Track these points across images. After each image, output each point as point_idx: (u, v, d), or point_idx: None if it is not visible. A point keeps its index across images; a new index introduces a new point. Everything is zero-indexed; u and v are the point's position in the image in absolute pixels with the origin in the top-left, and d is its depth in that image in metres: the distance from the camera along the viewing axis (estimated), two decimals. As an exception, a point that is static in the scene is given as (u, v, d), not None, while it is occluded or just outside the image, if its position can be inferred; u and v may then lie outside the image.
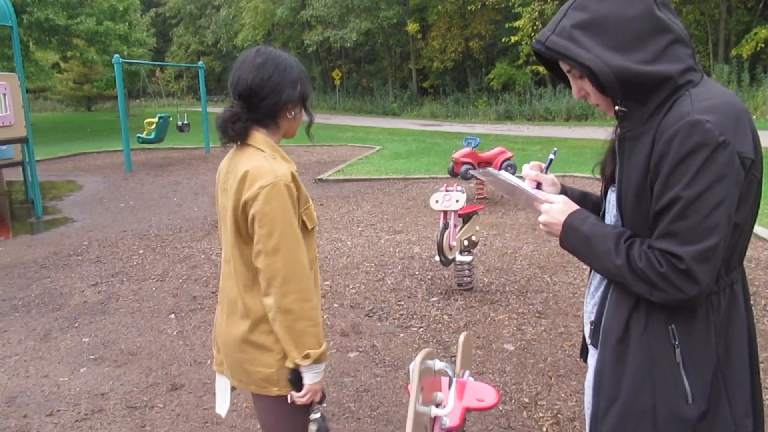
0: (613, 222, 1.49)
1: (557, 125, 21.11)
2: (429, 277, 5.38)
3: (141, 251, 6.43)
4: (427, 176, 10.66)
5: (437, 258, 4.69)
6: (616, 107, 1.39)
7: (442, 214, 4.77)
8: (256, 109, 1.80)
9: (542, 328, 4.21)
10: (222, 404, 2.08)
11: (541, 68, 25.90)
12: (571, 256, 5.54)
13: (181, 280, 5.45)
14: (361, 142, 16.99)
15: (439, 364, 1.94)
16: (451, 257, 4.72)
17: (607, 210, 1.54)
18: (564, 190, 1.72)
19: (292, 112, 1.86)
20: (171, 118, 14.08)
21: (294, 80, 1.83)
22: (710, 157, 1.23)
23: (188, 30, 47.19)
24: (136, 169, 12.69)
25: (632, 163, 1.37)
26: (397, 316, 4.52)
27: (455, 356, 3.71)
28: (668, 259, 1.28)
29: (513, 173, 8.89)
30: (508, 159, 8.75)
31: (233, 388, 2.04)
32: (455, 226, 4.73)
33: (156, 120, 13.61)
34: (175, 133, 15.43)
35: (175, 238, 6.97)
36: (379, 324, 4.39)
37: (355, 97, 34.69)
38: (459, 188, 4.77)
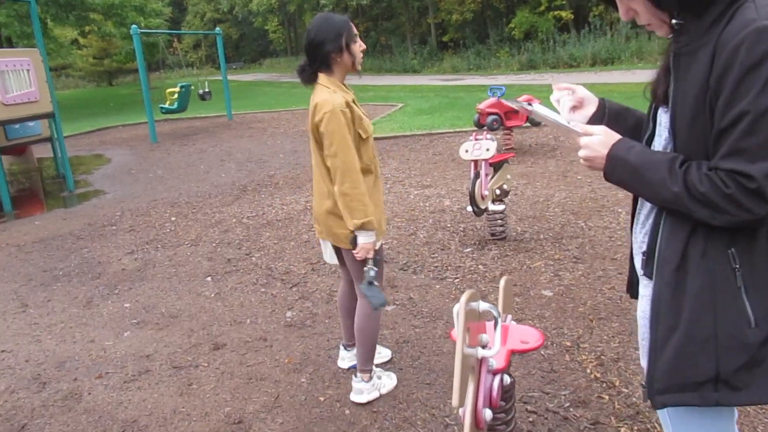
0: (663, 145, 1.41)
1: (582, 71, 20.58)
2: (461, 228, 5.33)
3: (173, 218, 6.49)
4: (452, 130, 10.51)
5: (469, 208, 4.64)
6: (673, 21, 1.30)
7: (472, 163, 4.69)
8: (314, 59, 2.60)
9: (580, 272, 4.16)
10: (331, 257, 2.94)
11: (564, 13, 25.26)
12: (606, 200, 5.42)
13: (214, 244, 5.49)
14: (383, 100, 16.79)
15: (483, 306, 1.91)
16: (483, 207, 4.66)
17: (657, 133, 1.46)
18: (602, 105, 1.65)
19: (339, 58, 2.58)
20: (192, 87, 14.06)
21: (336, 33, 2.54)
22: None
23: (203, -3, 46.79)
24: (161, 139, 12.76)
25: (689, 80, 1.29)
26: (432, 268, 4.50)
27: (495, 303, 3.70)
28: (736, 179, 1.21)
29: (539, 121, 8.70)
30: (535, 107, 8.54)
31: (333, 246, 2.86)
32: (486, 175, 4.66)
33: (178, 89, 13.61)
34: (197, 102, 15.43)
35: (205, 204, 7.02)
36: (414, 277, 4.38)
37: (374, 56, 34.17)
38: (489, 137, 4.68)
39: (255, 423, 2.85)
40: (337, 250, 2.89)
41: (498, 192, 4.77)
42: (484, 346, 1.93)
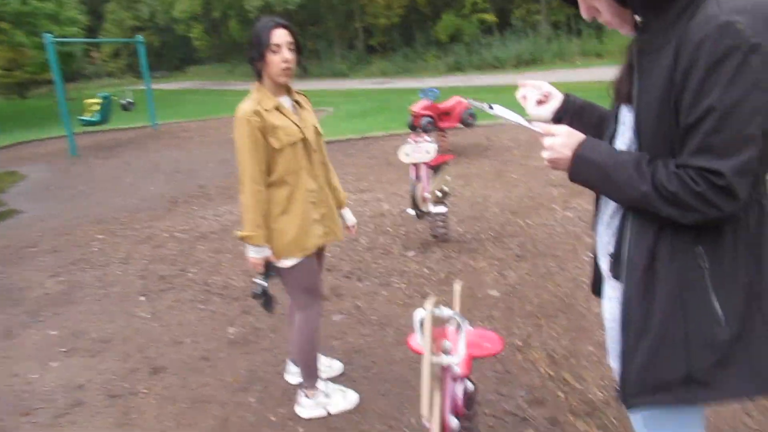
0: (627, 145, 1.39)
1: (507, 72, 21.03)
2: (402, 232, 5.28)
3: (100, 236, 6.14)
4: (386, 134, 10.50)
5: (411, 212, 4.59)
6: (636, 18, 1.27)
7: (412, 166, 4.64)
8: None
9: (524, 271, 4.18)
10: None
11: (487, 16, 25.79)
12: (542, 198, 5.50)
13: (146, 261, 5.22)
14: (313, 105, 16.54)
15: (446, 312, 1.84)
16: (425, 210, 4.62)
17: (620, 132, 1.44)
18: (566, 100, 1.64)
19: (260, 65, 2.51)
20: (114, 98, 13.45)
21: (254, 40, 2.49)
22: (744, 62, 1.13)
23: (121, 5, 45.06)
24: (82, 152, 12.13)
25: (653, 78, 1.26)
26: (377, 274, 4.42)
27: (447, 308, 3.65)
28: (705, 177, 1.19)
29: (473, 121, 8.80)
30: (467, 108, 8.65)
31: None
32: (427, 177, 4.62)
33: (98, 100, 12.98)
34: (119, 113, 14.78)
35: (134, 219, 6.69)
36: (359, 284, 4.29)
37: (300, 61, 33.86)
38: (428, 139, 4.65)
39: (202, 450, 2.68)
40: None
41: (439, 194, 4.75)
42: (446, 353, 1.87)
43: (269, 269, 2.65)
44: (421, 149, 4.57)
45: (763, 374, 1.32)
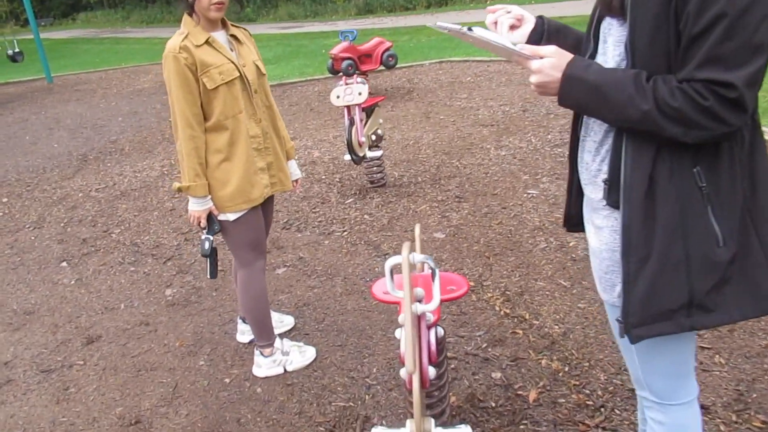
0: (610, 64, 1.31)
1: (419, 13, 20.79)
2: (337, 179, 5.14)
3: (4, 200, 5.62)
4: (303, 79, 10.14)
5: (347, 157, 4.45)
6: None
7: (345, 109, 4.47)
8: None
9: (465, 211, 4.17)
10: None
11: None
12: (473, 138, 5.45)
13: (63, 224, 4.83)
14: (222, 52, 15.80)
15: (418, 257, 1.75)
16: (361, 154, 4.49)
17: (600, 51, 1.35)
18: (540, 22, 1.54)
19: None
20: (-2, 48, 12.26)
21: None
22: None
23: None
24: (-32, 111, 11.04)
25: None
26: (316, 224, 4.29)
27: (387, 253, 3.59)
28: (714, 90, 1.13)
29: (394, 63, 8.63)
30: (387, 49, 8.46)
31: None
32: (361, 120, 4.47)
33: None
34: (6, 65, 13.51)
35: (42, 179, 6.16)
36: (299, 235, 4.14)
37: None
38: (359, 80, 4.48)
39: (156, 420, 2.53)
40: None
41: (373, 137, 4.63)
42: (419, 301, 1.79)
43: (212, 223, 2.45)
44: (353, 91, 4.40)
45: (761, 295, 1.32)
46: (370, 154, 4.58)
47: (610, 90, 1.23)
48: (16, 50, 12.67)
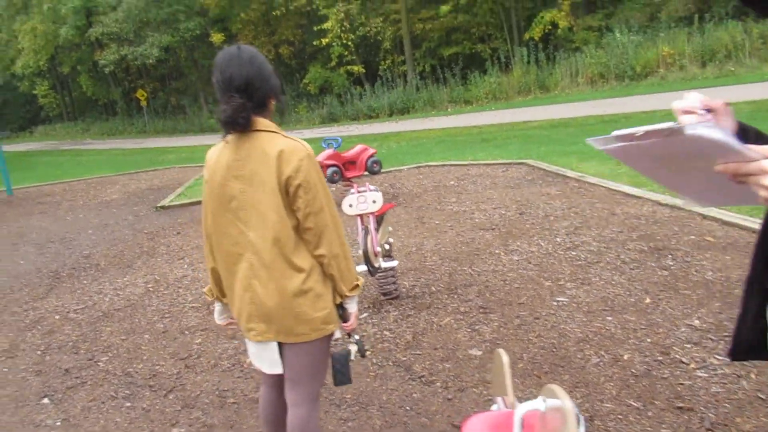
0: None
1: (383, 121, 21.32)
2: (343, 291, 4.79)
3: (-33, 326, 5.04)
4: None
5: (363, 268, 4.14)
6: None
7: (359, 219, 4.23)
8: (253, 98, 2.07)
9: (496, 323, 3.86)
10: (274, 364, 2.20)
11: (355, 68, 26.18)
12: (476, 243, 5.22)
13: (39, 352, 4.29)
14: (188, 162, 15.66)
15: (566, 404, 1.43)
16: (377, 265, 4.20)
17: None
18: (738, 122, 1.23)
19: (274, 100, 2.16)
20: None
21: (272, 71, 2.14)
22: None
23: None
24: None
25: None
26: (333, 343, 3.89)
27: (422, 375, 3.22)
28: None
29: (379, 169, 8.56)
30: (371, 156, 8.42)
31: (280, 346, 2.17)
32: (375, 230, 4.22)
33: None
34: (-38, 179, 12.99)
35: (10, 300, 5.60)
36: (316, 356, 3.74)
37: (165, 118, 32.27)
38: (372, 188, 4.27)
39: None
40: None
41: (387, 246, 4.36)
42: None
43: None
44: (367, 199, 4.17)
45: None
46: (384, 264, 4.29)
47: None
48: (-24, 163, 12.20)
